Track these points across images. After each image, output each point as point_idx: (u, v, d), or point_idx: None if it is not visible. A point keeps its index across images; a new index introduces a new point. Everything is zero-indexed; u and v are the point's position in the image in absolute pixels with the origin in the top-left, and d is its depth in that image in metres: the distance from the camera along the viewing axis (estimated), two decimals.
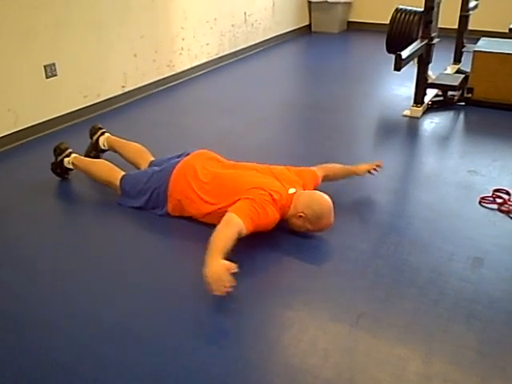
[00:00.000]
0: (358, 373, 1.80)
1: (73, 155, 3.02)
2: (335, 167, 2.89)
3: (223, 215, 2.30)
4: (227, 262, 2.03)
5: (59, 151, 3.03)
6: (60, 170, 3.06)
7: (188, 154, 2.77)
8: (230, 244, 2.15)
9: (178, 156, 2.83)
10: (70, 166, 3.02)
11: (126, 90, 4.44)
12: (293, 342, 1.93)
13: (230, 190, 2.46)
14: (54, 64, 3.75)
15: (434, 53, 4.17)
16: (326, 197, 2.47)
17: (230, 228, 2.22)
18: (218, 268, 2.00)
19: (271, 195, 2.39)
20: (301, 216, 2.42)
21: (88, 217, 2.81)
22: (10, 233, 2.67)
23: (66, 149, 3.03)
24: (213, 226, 2.45)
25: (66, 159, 3.02)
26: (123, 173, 2.82)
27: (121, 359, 1.85)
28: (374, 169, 2.89)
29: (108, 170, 2.88)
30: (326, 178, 2.80)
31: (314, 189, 2.66)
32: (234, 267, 2.00)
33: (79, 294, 2.19)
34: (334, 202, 2.47)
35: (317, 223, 2.44)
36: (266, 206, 2.35)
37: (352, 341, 1.93)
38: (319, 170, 2.78)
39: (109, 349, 1.90)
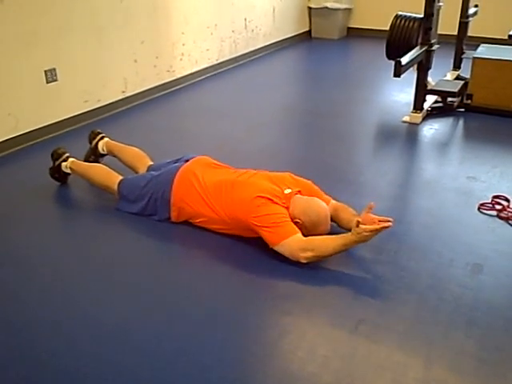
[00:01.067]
0: (357, 379, 1.79)
1: (70, 159, 3.02)
2: (347, 210, 2.57)
3: (226, 221, 2.36)
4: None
5: (57, 156, 3.03)
6: (58, 174, 3.06)
7: (187, 160, 2.77)
8: (323, 242, 2.30)
9: (176, 161, 2.83)
10: (68, 171, 3.02)
11: (127, 95, 4.44)
12: (292, 348, 1.93)
13: (232, 199, 2.47)
14: (54, 69, 3.75)
15: (433, 59, 4.18)
16: (323, 204, 2.47)
17: (301, 245, 2.30)
18: (364, 235, 2.19)
19: (272, 200, 2.41)
20: (297, 222, 2.42)
21: (87, 220, 2.81)
22: (11, 236, 2.67)
23: (64, 153, 3.04)
24: (213, 232, 2.46)
25: (64, 164, 3.02)
26: (121, 177, 2.83)
27: (121, 361, 1.85)
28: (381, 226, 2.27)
29: (106, 175, 2.88)
30: (333, 217, 2.55)
31: None
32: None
33: (79, 296, 2.19)
34: None
35: (313, 230, 2.44)
36: (280, 210, 2.39)
37: (351, 347, 1.93)
38: (333, 204, 2.60)
39: (109, 351, 1.90)
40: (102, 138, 3.22)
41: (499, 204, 2.86)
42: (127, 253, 2.51)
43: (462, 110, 4.34)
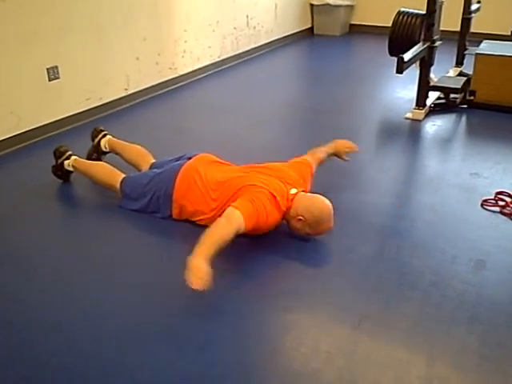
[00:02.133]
0: (360, 376, 1.79)
1: (73, 157, 3.02)
2: (322, 156, 2.92)
3: None
4: (209, 269, 2.01)
5: (59, 154, 3.04)
6: (61, 172, 3.06)
7: (189, 158, 2.76)
8: (226, 240, 2.15)
9: (178, 158, 2.83)
10: (71, 169, 3.03)
11: (129, 92, 4.44)
12: (294, 345, 1.93)
13: (233, 194, 2.46)
14: (56, 67, 3.75)
15: (436, 55, 4.17)
16: (327, 201, 2.47)
17: (231, 223, 2.21)
18: (202, 265, 2.00)
19: (272, 194, 2.39)
20: (300, 219, 2.42)
21: (89, 219, 2.81)
22: (12, 234, 2.67)
23: (66, 151, 3.04)
24: None
25: (66, 162, 3.02)
26: (123, 175, 2.82)
27: (121, 362, 1.85)
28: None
29: (108, 173, 2.88)
30: (317, 165, 2.85)
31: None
32: (209, 277, 1.98)
33: (80, 296, 2.19)
34: (334, 205, 2.47)
35: (316, 227, 2.44)
36: (266, 204, 2.35)
37: (354, 344, 1.93)
38: (313, 161, 2.82)
39: (109, 351, 1.90)
40: (104, 135, 3.22)
41: (502, 200, 2.85)
42: (128, 251, 2.51)
43: (465, 106, 4.33)
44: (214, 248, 2.10)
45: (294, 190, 2.50)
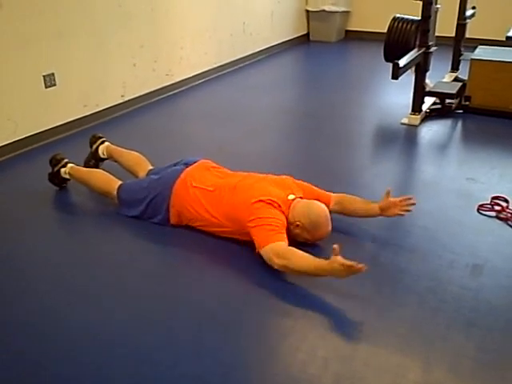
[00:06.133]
0: (357, 381, 1.79)
1: (69, 165, 3.02)
2: (355, 201, 2.65)
3: (225, 224, 2.36)
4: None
5: (55, 162, 3.03)
6: (57, 180, 3.06)
7: (186, 163, 2.77)
8: (302, 258, 2.19)
9: (175, 164, 2.84)
10: (67, 176, 3.03)
11: (126, 99, 4.45)
12: (292, 350, 1.93)
13: (232, 202, 2.47)
14: (53, 74, 3.76)
15: (431, 61, 4.19)
16: (323, 206, 2.48)
17: (284, 256, 2.21)
18: (335, 266, 2.04)
19: (274, 201, 2.41)
20: (298, 225, 2.43)
21: (86, 226, 2.81)
22: (8, 242, 2.66)
23: (62, 159, 3.04)
24: (213, 235, 2.47)
25: (63, 169, 3.02)
26: (120, 182, 2.83)
27: (119, 370, 1.85)
28: (406, 208, 2.54)
29: (105, 180, 2.88)
30: (341, 210, 2.63)
31: None
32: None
33: (77, 303, 2.18)
34: (331, 212, 2.47)
35: (314, 232, 2.45)
36: (276, 215, 2.37)
37: (351, 349, 1.93)
38: (334, 197, 2.65)
39: (107, 360, 1.90)
40: (102, 142, 3.22)
41: (498, 205, 2.86)
42: (126, 258, 2.50)
43: (461, 111, 4.34)
44: (309, 267, 2.16)
45: (291, 196, 2.51)
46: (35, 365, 1.88)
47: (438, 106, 4.37)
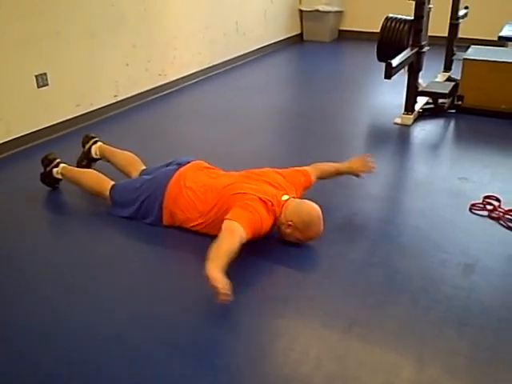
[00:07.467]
0: (350, 380, 1.80)
1: (61, 165, 3.01)
2: (329, 168, 2.88)
3: (218, 224, 2.31)
4: (226, 279, 2.01)
5: (47, 162, 3.02)
6: (49, 180, 3.05)
7: (179, 164, 2.76)
8: (233, 251, 2.15)
9: (167, 164, 2.83)
10: (59, 177, 3.01)
11: (119, 98, 4.44)
12: (284, 350, 1.93)
13: (223, 200, 2.46)
14: (45, 74, 3.74)
15: (424, 61, 4.20)
16: (315, 205, 2.47)
17: (233, 235, 2.21)
18: (220, 276, 2.00)
19: (262, 199, 2.40)
20: (290, 225, 2.43)
21: (78, 227, 2.80)
22: (5, 242, 2.65)
23: (55, 159, 3.02)
24: (206, 236, 2.46)
25: (55, 169, 3.01)
26: (112, 182, 2.82)
27: (113, 371, 1.84)
28: (368, 165, 2.89)
29: (97, 180, 2.87)
30: (319, 179, 2.81)
31: (307, 188, 2.70)
32: (229, 288, 1.98)
33: (70, 304, 2.18)
34: (323, 211, 2.48)
35: (306, 232, 2.45)
36: (259, 209, 2.36)
37: (344, 348, 1.94)
38: (312, 171, 2.78)
39: (101, 360, 1.89)
40: (95, 142, 3.21)
41: (490, 204, 2.88)
42: (118, 258, 2.50)
43: (453, 111, 4.36)
44: (225, 259, 2.09)
45: (285, 197, 2.51)
46: (35, 365, 1.88)
47: (431, 106, 4.39)
